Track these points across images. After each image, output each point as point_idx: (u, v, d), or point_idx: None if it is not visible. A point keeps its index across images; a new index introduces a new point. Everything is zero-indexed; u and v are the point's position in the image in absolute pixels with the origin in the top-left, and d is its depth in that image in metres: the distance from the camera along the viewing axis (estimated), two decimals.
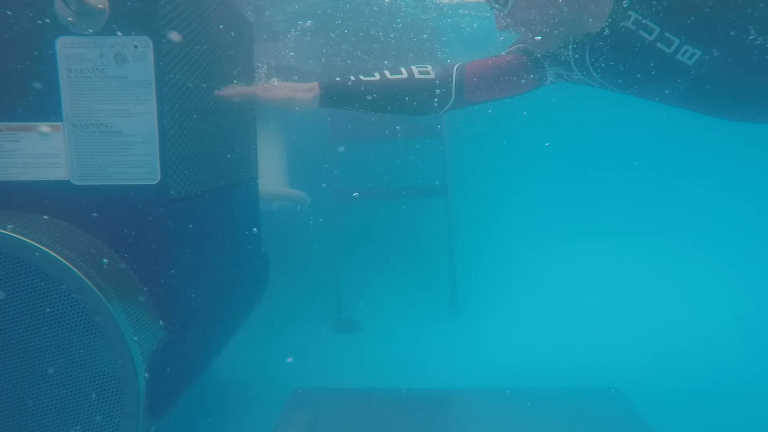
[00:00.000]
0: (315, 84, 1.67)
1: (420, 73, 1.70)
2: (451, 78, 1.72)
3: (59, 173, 1.35)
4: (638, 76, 1.57)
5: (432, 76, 1.71)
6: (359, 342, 3.19)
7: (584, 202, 4.39)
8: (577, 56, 1.62)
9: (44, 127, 1.34)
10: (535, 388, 2.40)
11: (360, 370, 2.71)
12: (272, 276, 2.44)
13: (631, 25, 1.45)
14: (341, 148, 3.67)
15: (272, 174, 3.28)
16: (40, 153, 1.35)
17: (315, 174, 3.63)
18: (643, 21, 1.43)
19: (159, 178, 1.34)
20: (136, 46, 1.31)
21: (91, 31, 1.29)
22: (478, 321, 3.47)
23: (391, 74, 1.69)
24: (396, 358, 2.88)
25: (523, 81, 1.73)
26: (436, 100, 1.73)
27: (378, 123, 3.62)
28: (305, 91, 1.66)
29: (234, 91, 1.67)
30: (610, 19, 1.48)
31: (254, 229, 2.20)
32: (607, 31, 1.50)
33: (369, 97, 1.67)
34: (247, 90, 1.68)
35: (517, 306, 3.62)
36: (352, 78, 1.68)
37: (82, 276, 1.20)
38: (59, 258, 1.19)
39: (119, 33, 1.29)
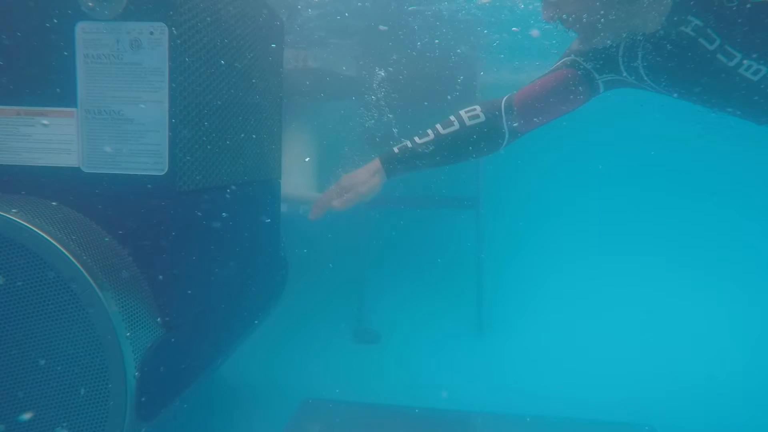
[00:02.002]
0: (377, 164, 1.80)
1: (470, 118, 1.73)
2: (500, 115, 1.73)
3: (70, 160, 1.33)
4: (696, 85, 1.47)
5: (482, 118, 1.73)
6: (376, 354, 3.08)
7: (624, 221, 4.14)
8: (627, 59, 1.53)
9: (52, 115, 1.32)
10: (561, 418, 2.25)
11: (374, 384, 2.61)
12: (291, 280, 2.38)
13: (690, 32, 1.36)
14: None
15: (301, 177, 3.24)
16: (54, 139, 1.34)
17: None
18: (705, 29, 1.33)
19: (167, 169, 1.30)
20: (151, 33, 1.27)
21: (108, 14, 1.27)
22: (503, 341, 3.30)
23: (444, 128, 1.73)
24: (414, 373, 2.77)
25: (575, 96, 1.68)
26: (491, 142, 1.76)
27: (412, 130, 3.53)
28: (371, 177, 1.79)
29: (315, 215, 1.82)
30: (667, 22, 1.36)
31: (273, 232, 2.15)
32: (663, 35, 1.39)
33: (428, 159, 1.75)
34: (324, 206, 1.80)
35: (546, 328, 3.43)
36: (409, 144, 1.76)
37: (78, 265, 1.16)
38: (57, 245, 1.16)
39: (136, 19, 1.27)
